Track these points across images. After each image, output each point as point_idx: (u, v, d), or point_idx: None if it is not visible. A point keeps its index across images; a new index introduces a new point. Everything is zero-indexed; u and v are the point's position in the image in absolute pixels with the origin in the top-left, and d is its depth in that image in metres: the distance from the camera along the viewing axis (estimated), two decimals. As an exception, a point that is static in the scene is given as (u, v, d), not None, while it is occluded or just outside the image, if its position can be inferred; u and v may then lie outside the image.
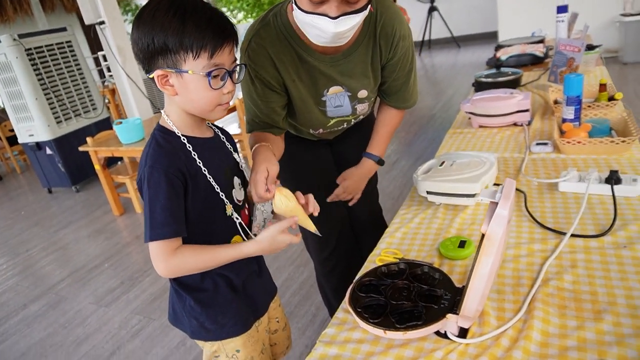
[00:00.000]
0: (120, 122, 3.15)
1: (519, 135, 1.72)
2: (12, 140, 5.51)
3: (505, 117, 1.81)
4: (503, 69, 2.38)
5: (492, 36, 7.27)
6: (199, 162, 0.92)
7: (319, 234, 1.02)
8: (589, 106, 1.69)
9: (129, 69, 4.25)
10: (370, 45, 1.23)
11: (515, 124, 1.82)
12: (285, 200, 0.97)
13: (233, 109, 3.91)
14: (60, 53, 4.19)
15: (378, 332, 0.86)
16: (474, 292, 0.73)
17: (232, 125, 4.30)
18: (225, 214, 0.97)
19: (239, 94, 4.09)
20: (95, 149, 3.36)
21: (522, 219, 1.19)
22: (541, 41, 2.93)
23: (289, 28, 1.16)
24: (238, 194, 1.02)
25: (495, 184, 1.37)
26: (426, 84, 6.32)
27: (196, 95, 0.87)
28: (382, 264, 1.05)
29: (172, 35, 0.81)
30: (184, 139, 0.92)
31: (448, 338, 0.84)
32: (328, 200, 1.49)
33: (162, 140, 0.91)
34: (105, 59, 6.44)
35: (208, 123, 1.04)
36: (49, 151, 4.16)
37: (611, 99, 1.72)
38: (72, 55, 4.30)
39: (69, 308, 2.46)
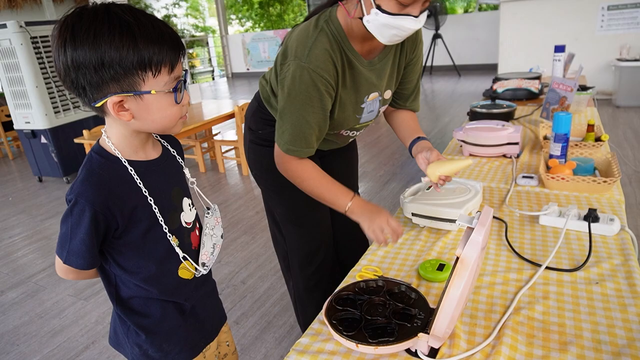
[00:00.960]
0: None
1: (507, 167, 1.76)
2: (7, 126, 5.50)
3: (495, 148, 1.86)
4: (498, 101, 2.44)
5: (492, 68, 7.43)
6: (145, 192, 0.85)
7: (469, 162, 1.20)
8: (576, 145, 1.74)
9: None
10: (399, 47, 1.30)
11: (504, 156, 1.87)
12: (437, 167, 1.17)
13: (231, 115, 3.94)
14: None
15: (350, 344, 0.88)
16: (444, 313, 0.76)
17: (230, 131, 4.34)
18: (170, 243, 0.91)
19: (239, 100, 4.13)
20: (90, 142, 3.36)
21: (502, 248, 1.22)
22: (537, 78, 3.01)
23: (341, 33, 1.17)
24: (187, 216, 0.96)
25: (479, 212, 1.40)
26: (424, 109, 6.41)
27: (159, 114, 0.79)
28: (362, 279, 1.08)
29: (126, 52, 0.71)
30: (128, 166, 0.84)
31: (418, 357, 0.86)
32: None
33: (98, 166, 0.82)
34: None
35: (156, 136, 0.95)
36: (43, 140, 4.16)
37: (598, 139, 1.77)
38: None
39: (47, 298, 2.44)
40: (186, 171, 1.00)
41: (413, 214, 1.36)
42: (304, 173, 1.26)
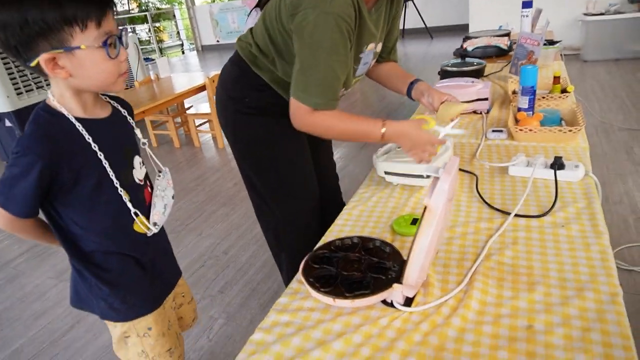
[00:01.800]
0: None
1: (478, 122, 1.79)
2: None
3: (467, 105, 1.88)
4: (468, 59, 2.44)
5: (464, 28, 7.40)
6: (95, 147, 0.87)
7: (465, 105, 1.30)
8: (543, 97, 1.77)
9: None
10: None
11: (475, 112, 1.89)
12: (447, 108, 1.26)
13: (202, 88, 3.86)
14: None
15: (328, 300, 0.90)
16: (415, 262, 0.78)
17: (204, 104, 4.24)
18: (122, 198, 0.94)
19: (210, 72, 4.03)
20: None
21: (473, 199, 1.25)
22: (507, 35, 3.02)
23: None
24: (139, 173, 1.00)
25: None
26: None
27: (94, 70, 0.81)
28: (337, 238, 1.09)
29: (49, 9, 0.72)
30: (76, 123, 0.85)
31: (394, 307, 0.89)
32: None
33: (45, 122, 0.84)
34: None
35: (105, 97, 0.98)
36: (8, 123, 4.00)
37: (564, 91, 1.80)
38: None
39: (26, 282, 2.41)
40: (137, 132, 1.02)
41: (386, 172, 1.38)
42: (330, 120, 1.19)
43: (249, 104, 1.36)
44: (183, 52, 12.59)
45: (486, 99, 1.85)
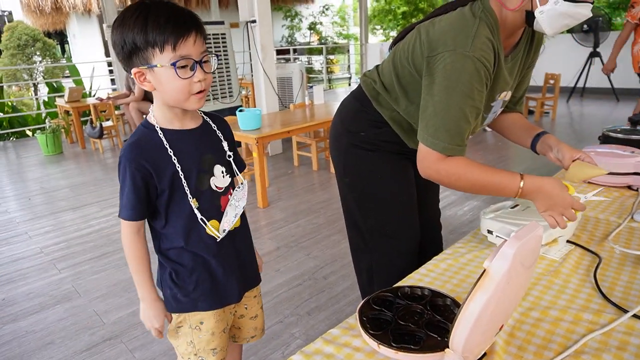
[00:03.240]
0: (242, 110, 3.47)
1: (627, 200, 1.51)
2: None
3: (617, 177, 1.61)
4: (641, 128, 2.10)
5: (661, 94, 6.34)
6: (170, 152, 1.00)
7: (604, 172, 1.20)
8: None
9: (266, 65, 4.66)
10: (527, 47, 1.25)
11: (629, 187, 1.60)
12: (581, 168, 1.15)
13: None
14: (214, 42, 4.77)
15: (372, 344, 0.85)
16: (462, 326, 0.69)
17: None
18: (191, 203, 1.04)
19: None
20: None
21: (585, 284, 1.06)
22: None
23: (496, 24, 1.11)
24: (219, 181, 1.08)
25: (569, 242, 1.24)
26: (563, 132, 5.76)
27: (168, 86, 0.94)
28: (408, 284, 1.03)
29: (137, 34, 0.90)
30: (160, 132, 1.01)
31: (443, 374, 0.80)
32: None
33: (140, 133, 1.02)
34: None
35: (200, 112, 1.11)
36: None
37: None
38: (223, 46, 4.86)
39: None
40: (224, 144, 1.12)
41: (489, 231, 1.25)
42: (460, 168, 1.13)
43: (364, 139, 1.37)
44: (349, 84, 13.37)
45: (646, 175, 1.56)
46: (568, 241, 1.23)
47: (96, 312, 2.23)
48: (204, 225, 1.06)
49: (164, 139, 1.01)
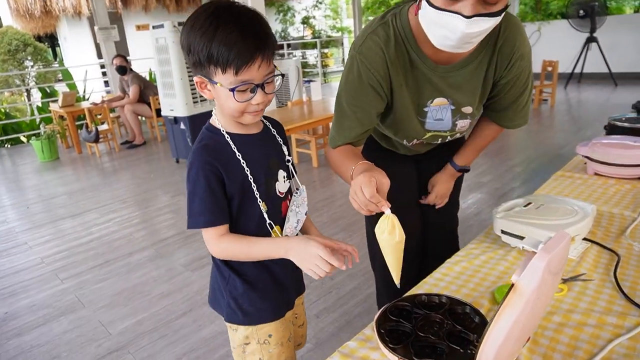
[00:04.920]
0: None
1: (640, 192, 1.48)
2: (158, 112, 6.34)
3: (628, 169, 1.58)
4: (647, 115, 2.07)
5: (659, 78, 6.32)
6: (239, 155, 0.96)
7: (397, 285, 0.96)
8: None
9: (262, 63, 4.59)
10: (486, 60, 1.16)
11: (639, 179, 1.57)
12: (390, 228, 0.86)
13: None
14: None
15: (393, 358, 0.82)
16: (489, 345, 0.66)
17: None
18: (261, 209, 1.01)
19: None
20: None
21: (606, 284, 1.03)
22: None
23: (407, 31, 1.12)
24: (282, 186, 1.05)
25: (585, 239, 1.21)
26: (562, 120, 5.73)
27: (225, 103, 0.91)
28: (425, 292, 1.00)
29: (202, 48, 0.85)
30: (227, 137, 0.97)
31: (467, 388, 0.77)
32: (423, 202, 1.53)
33: (206, 137, 0.98)
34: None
35: (261, 118, 1.08)
36: (182, 126, 4.70)
37: None
38: (218, 45, 4.79)
39: (163, 264, 2.76)
40: (284, 148, 1.09)
41: (502, 232, 1.22)
42: (331, 158, 1.24)
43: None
44: (344, 78, 13.26)
45: (657, 165, 1.52)
46: (584, 239, 1.20)
47: (101, 323, 2.20)
48: (268, 232, 1.02)
49: (232, 144, 0.97)
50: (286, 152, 1.09)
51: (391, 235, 0.87)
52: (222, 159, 0.95)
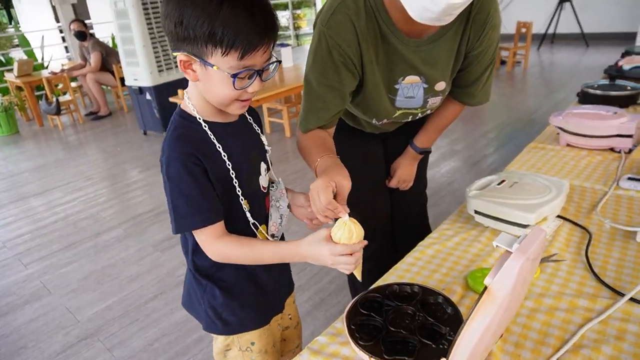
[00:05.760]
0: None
1: (611, 164, 1.48)
2: (124, 81, 6.05)
3: (600, 140, 1.57)
4: (620, 82, 2.05)
5: (630, 38, 6.36)
6: (219, 147, 0.85)
7: (359, 279, 0.92)
8: None
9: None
10: (460, 31, 1.09)
11: (612, 150, 1.56)
12: (349, 235, 0.80)
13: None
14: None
15: (363, 356, 0.79)
16: (462, 346, 0.63)
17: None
18: (242, 208, 0.91)
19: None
20: (182, 102, 3.53)
21: (578, 265, 1.02)
22: (679, 54, 2.47)
23: (378, 2, 1.03)
24: (264, 180, 0.96)
25: (559, 217, 1.19)
26: (535, 83, 5.74)
27: (217, 89, 0.80)
28: (396, 282, 0.97)
29: (202, 25, 0.72)
30: (204, 125, 0.85)
31: (439, 383, 0.75)
32: (389, 185, 1.47)
33: (180, 125, 0.86)
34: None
35: None
36: (148, 96, 4.50)
37: None
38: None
39: (132, 244, 2.68)
40: (263, 138, 0.99)
41: (476, 212, 1.19)
42: (300, 144, 1.14)
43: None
44: (317, 41, 12.93)
45: (629, 136, 1.51)
46: (557, 216, 1.19)
47: (68, 310, 2.13)
48: (254, 231, 0.92)
49: (210, 134, 0.85)
50: (265, 142, 0.99)
51: (349, 241, 0.81)
52: (202, 150, 0.83)
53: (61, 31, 8.35)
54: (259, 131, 0.99)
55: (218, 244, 0.86)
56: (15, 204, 3.46)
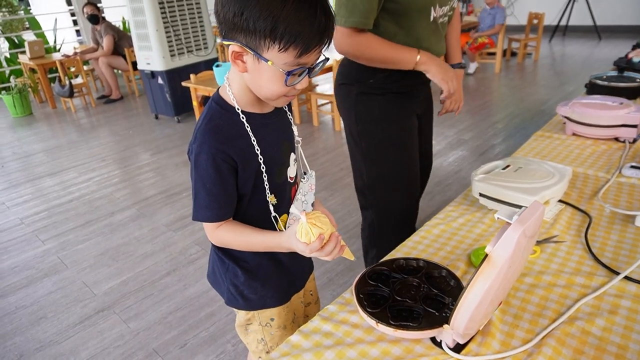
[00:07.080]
0: (220, 65, 3.31)
1: (615, 153, 1.51)
2: (136, 65, 6.10)
3: (605, 129, 1.60)
4: (628, 73, 2.07)
5: (642, 31, 6.30)
6: (254, 141, 0.86)
7: (352, 259, 0.95)
8: None
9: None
10: None
11: (617, 139, 1.60)
12: (306, 237, 0.79)
13: (329, 69, 3.91)
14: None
15: (371, 322, 0.85)
16: (464, 310, 0.69)
17: (325, 85, 4.33)
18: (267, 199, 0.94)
19: (338, 56, 4.06)
20: (195, 86, 3.59)
21: (577, 246, 1.07)
22: (690, 47, 2.48)
23: None
24: (291, 170, 0.98)
25: (561, 201, 1.24)
26: (546, 75, 5.72)
27: (266, 84, 0.79)
28: (403, 256, 1.03)
29: (264, 19, 0.70)
30: (242, 117, 0.85)
31: (441, 348, 0.81)
32: (439, 115, 1.66)
33: (217, 115, 0.85)
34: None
35: None
36: (160, 81, 4.55)
37: None
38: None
39: (145, 224, 2.76)
40: (294, 128, 1.00)
41: (481, 194, 1.24)
42: (368, 42, 1.32)
43: (374, 85, 1.44)
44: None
45: (634, 126, 1.55)
46: (559, 201, 1.24)
47: (85, 284, 2.22)
48: (274, 224, 0.95)
49: (247, 125, 0.85)
50: (296, 132, 0.99)
51: (309, 241, 0.81)
52: (237, 144, 0.84)
53: (73, 14, 8.41)
54: (292, 120, 1.00)
55: (218, 231, 0.90)
56: (31, 182, 3.55)
